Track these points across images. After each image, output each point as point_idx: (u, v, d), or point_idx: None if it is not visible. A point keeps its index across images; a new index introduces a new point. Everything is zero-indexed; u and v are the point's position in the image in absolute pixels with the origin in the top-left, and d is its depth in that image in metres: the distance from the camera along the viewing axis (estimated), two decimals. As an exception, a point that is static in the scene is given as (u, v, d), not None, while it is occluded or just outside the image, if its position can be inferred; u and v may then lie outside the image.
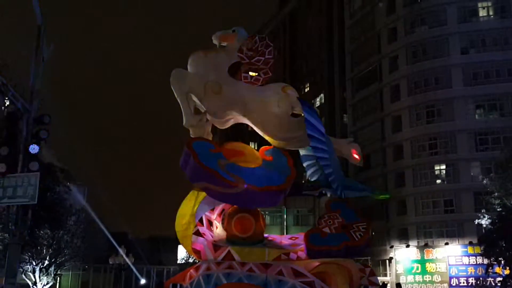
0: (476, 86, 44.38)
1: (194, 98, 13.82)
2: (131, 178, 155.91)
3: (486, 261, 34.15)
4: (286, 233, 47.02)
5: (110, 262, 37.33)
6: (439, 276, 42.61)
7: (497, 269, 32.93)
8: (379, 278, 17.35)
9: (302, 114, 13.59)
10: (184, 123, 13.68)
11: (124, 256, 35.41)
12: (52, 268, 37.54)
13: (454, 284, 41.59)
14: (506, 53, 44.10)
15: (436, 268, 42.96)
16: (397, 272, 44.84)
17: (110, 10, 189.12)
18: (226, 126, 14.65)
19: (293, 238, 14.15)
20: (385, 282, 23.35)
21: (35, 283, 36.50)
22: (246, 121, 14.24)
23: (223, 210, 13.87)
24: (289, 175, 13.04)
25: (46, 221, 27.71)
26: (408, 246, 44.68)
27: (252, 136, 48.73)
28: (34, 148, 15.32)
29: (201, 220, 13.29)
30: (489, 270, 33.45)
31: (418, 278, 43.59)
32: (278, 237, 14.79)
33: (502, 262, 31.89)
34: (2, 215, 23.05)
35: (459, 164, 43.98)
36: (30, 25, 17.11)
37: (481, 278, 39.33)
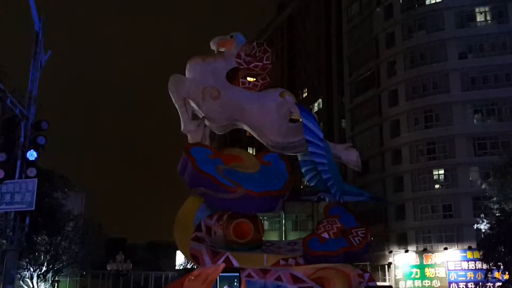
0: (474, 91, 44.47)
1: (192, 104, 13.81)
2: (130, 184, 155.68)
3: (485, 266, 34.09)
4: (285, 238, 46.97)
5: (108, 268, 37.24)
6: (438, 281, 42.54)
7: (496, 274, 32.87)
8: (378, 283, 17.32)
9: (300, 120, 13.59)
10: (182, 129, 13.68)
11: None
12: (49, 274, 37.45)
13: (453, 289, 41.56)
14: (503, 57, 44.21)
15: (435, 273, 42.89)
16: (396, 277, 44.74)
17: (109, 10, 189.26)
18: (224, 132, 14.64)
19: (292, 244, 14.12)
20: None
21: (33, 289, 36.38)
22: (244, 126, 14.23)
23: (221, 215, 13.83)
24: (288, 180, 13.02)
25: (44, 227, 27.62)
26: (407, 251, 44.62)
27: (250, 142, 48.90)
28: (32, 154, 15.29)
29: (199, 226, 13.24)
30: (488, 275, 33.37)
31: (417, 283, 43.51)
32: (277, 243, 14.75)
33: (501, 267, 31.84)
34: (-1, 222, 22.97)
35: (457, 169, 44.00)
36: (29, 31, 17.12)
37: (480, 283, 39.31)
